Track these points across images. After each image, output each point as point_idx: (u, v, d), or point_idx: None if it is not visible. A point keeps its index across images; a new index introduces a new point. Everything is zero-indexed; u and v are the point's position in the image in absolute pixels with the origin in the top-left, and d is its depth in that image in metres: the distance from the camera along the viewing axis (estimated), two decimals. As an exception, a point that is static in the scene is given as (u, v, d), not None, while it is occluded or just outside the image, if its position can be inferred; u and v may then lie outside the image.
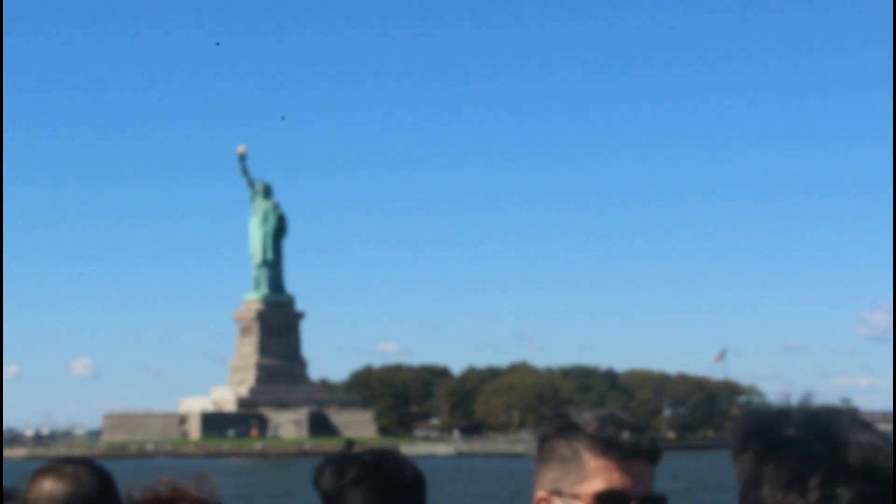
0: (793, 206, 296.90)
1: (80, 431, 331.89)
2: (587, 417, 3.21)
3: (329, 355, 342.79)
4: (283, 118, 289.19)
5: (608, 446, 3.16)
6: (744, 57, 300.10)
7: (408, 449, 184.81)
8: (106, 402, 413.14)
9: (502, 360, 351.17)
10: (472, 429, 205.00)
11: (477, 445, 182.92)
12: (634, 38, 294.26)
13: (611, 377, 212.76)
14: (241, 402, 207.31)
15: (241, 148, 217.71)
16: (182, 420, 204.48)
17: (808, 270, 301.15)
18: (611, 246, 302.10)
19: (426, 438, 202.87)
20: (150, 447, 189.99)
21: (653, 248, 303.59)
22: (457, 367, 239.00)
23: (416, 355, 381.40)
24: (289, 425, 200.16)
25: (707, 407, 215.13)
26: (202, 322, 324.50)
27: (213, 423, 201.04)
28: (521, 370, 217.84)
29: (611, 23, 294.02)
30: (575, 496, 3.16)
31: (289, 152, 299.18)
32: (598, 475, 3.15)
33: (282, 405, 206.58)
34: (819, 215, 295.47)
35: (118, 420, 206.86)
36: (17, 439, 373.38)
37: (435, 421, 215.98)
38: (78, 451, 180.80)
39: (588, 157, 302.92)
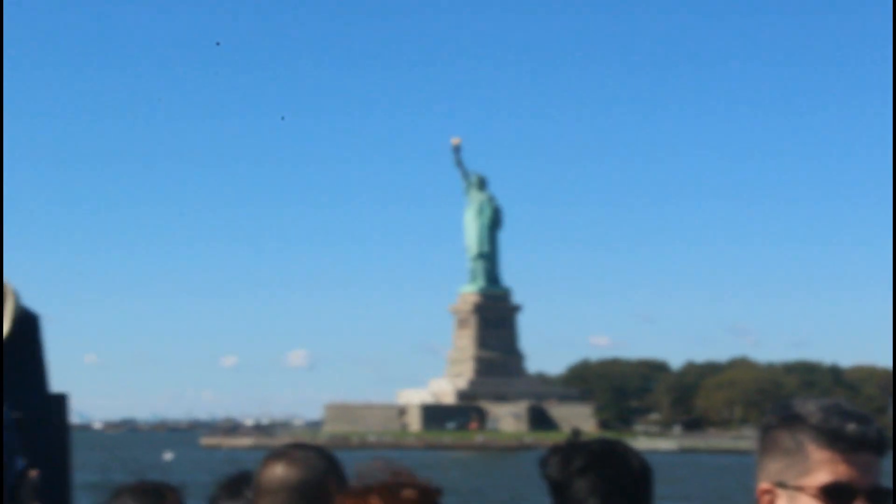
0: None
1: (298, 422, 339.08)
2: (811, 408, 3.12)
3: (543, 348, 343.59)
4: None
5: (833, 438, 3.06)
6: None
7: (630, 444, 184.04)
8: (323, 393, 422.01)
9: (718, 354, 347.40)
10: (693, 424, 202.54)
11: (699, 441, 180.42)
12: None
13: (835, 373, 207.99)
14: (460, 395, 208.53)
15: (455, 140, 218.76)
16: (402, 412, 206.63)
17: None
18: (829, 240, 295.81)
19: (646, 433, 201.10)
20: (371, 438, 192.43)
21: (870, 242, 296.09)
22: (674, 361, 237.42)
23: (629, 349, 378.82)
24: (508, 418, 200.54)
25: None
26: (418, 314, 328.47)
27: (433, 415, 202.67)
28: (741, 365, 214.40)
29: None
30: (800, 489, 3.08)
31: (504, 144, 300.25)
32: (823, 467, 3.06)
33: (500, 398, 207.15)
34: None
35: (339, 411, 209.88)
36: (238, 429, 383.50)
37: (655, 416, 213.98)
38: (304, 441, 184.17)
39: (800, 152, 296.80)
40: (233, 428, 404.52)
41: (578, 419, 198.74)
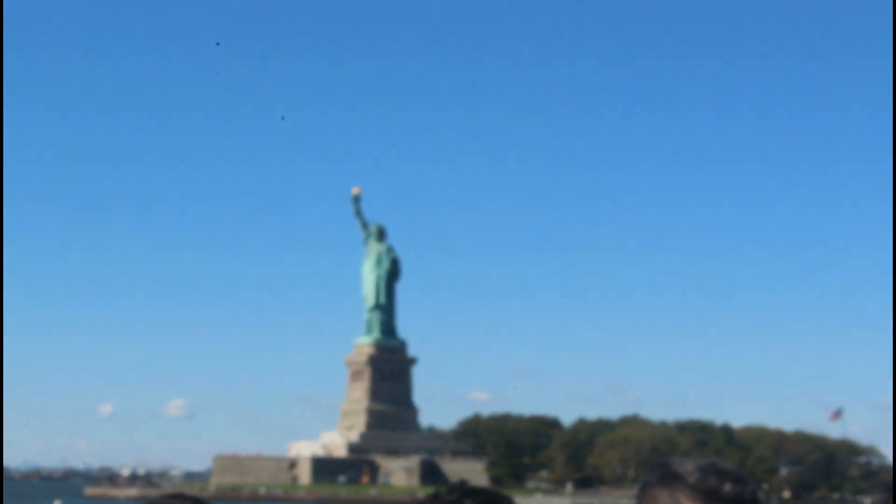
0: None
1: (176, 472, 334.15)
2: (689, 467, 3.21)
3: (431, 402, 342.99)
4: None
5: (710, 497, 3.17)
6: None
7: (524, 502, 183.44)
8: (201, 443, 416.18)
9: (598, 411, 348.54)
10: (586, 482, 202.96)
11: (593, 498, 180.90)
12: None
13: (727, 433, 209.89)
14: (352, 448, 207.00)
15: (355, 190, 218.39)
16: (292, 464, 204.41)
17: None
18: (705, 298, 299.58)
19: (540, 490, 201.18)
20: (262, 490, 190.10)
21: (747, 300, 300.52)
22: (564, 417, 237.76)
23: (509, 404, 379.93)
24: (400, 473, 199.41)
25: (825, 466, 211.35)
26: (310, 365, 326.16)
27: (324, 467, 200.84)
28: (633, 423, 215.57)
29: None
30: None
31: (404, 194, 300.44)
32: None
33: (392, 452, 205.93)
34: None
35: (227, 462, 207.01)
36: (116, 478, 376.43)
37: (546, 473, 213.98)
38: (190, 493, 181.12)
39: (694, 210, 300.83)
40: (110, 477, 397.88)
41: (471, 475, 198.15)
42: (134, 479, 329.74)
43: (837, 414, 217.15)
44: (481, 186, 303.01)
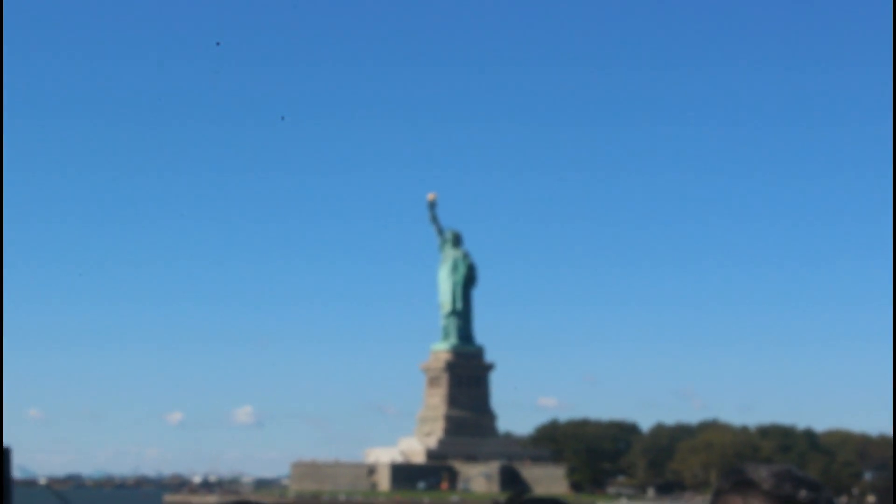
0: None
1: (247, 479, 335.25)
2: (763, 474, 3.22)
3: (507, 408, 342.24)
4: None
5: None
6: None
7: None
8: (270, 450, 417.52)
9: (664, 417, 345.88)
10: (668, 487, 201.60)
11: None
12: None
13: (810, 437, 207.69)
14: (430, 454, 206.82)
15: (430, 196, 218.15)
16: (371, 471, 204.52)
17: None
18: (775, 304, 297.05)
19: (620, 495, 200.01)
20: (341, 497, 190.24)
21: (818, 306, 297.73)
22: (640, 423, 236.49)
23: (575, 411, 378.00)
24: (479, 479, 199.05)
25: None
26: (388, 372, 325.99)
27: (403, 474, 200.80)
28: (714, 428, 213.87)
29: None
30: None
31: (479, 200, 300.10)
32: None
33: (471, 458, 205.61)
34: None
35: (306, 469, 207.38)
36: (187, 485, 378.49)
37: (626, 478, 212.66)
38: (269, 500, 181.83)
39: (767, 217, 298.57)
40: (181, 484, 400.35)
41: (551, 480, 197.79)
42: (207, 486, 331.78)
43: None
44: (557, 192, 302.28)
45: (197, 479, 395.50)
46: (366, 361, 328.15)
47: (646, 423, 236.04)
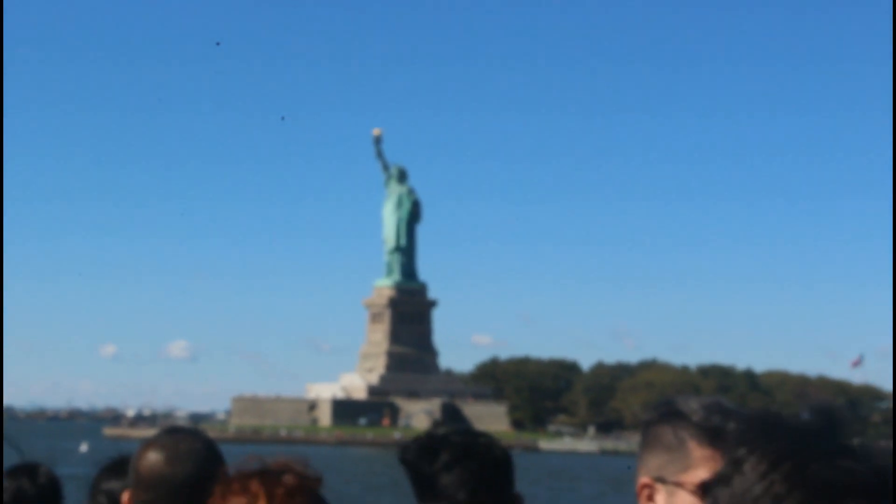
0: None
1: (181, 413, 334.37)
2: (693, 406, 3.22)
3: (447, 345, 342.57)
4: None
5: (715, 436, 3.17)
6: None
7: (548, 445, 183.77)
8: (204, 385, 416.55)
9: (599, 357, 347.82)
10: (608, 426, 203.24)
11: (621, 443, 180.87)
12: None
13: (750, 377, 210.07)
14: (372, 390, 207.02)
15: (376, 131, 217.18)
16: (312, 406, 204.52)
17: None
18: (706, 241, 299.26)
19: (559, 434, 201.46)
20: (283, 432, 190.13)
21: (745, 243, 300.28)
22: (582, 361, 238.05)
23: (510, 349, 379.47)
24: (421, 415, 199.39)
25: (848, 412, 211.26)
26: (330, 307, 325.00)
27: (344, 409, 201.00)
28: (654, 367, 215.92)
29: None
30: (679, 484, 3.18)
31: (425, 136, 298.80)
32: (703, 464, 3.18)
33: (413, 395, 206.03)
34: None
35: (246, 404, 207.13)
36: (119, 419, 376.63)
37: (566, 417, 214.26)
38: (211, 434, 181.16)
39: (714, 155, 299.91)
40: (115, 418, 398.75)
41: (491, 418, 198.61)
42: (142, 419, 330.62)
43: (859, 361, 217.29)
44: (503, 128, 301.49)
45: (131, 413, 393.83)
46: (306, 296, 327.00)
47: (584, 363, 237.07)
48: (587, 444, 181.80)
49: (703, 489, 3.11)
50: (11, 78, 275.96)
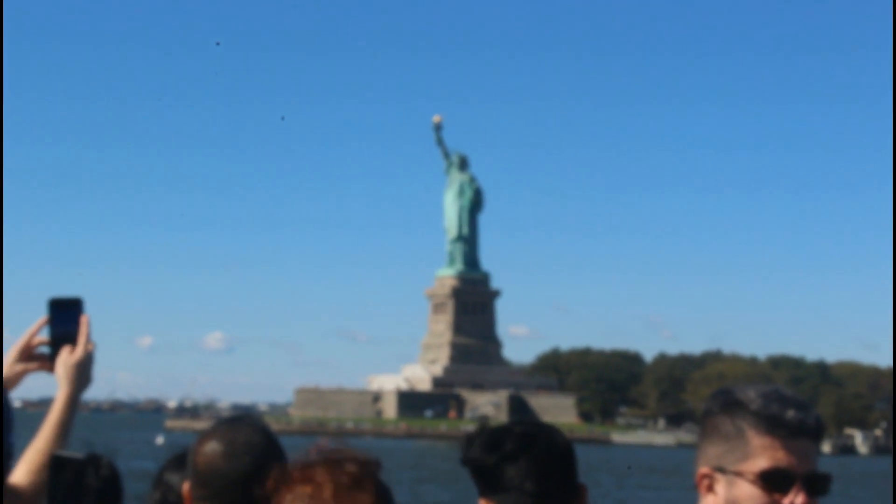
0: None
1: (222, 404, 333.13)
2: (751, 395, 3.22)
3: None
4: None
5: (773, 424, 3.17)
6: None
7: (621, 438, 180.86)
8: (239, 376, 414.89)
9: (634, 345, 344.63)
10: (678, 418, 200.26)
11: (689, 435, 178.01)
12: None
13: (822, 368, 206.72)
14: (436, 382, 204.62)
15: (436, 118, 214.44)
16: (376, 398, 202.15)
17: None
18: (744, 235, 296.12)
19: (631, 427, 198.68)
20: (349, 425, 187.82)
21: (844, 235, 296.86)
22: (645, 353, 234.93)
23: (549, 340, 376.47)
24: (488, 407, 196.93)
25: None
26: (391, 297, 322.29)
27: (409, 401, 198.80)
28: (723, 359, 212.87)
29: None
30: (738, 474, 3.20)
31: (486, 123, 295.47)
32: (762, 453, 3.19)
33: (477, 386, 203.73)
34: None
35: (309, 395, 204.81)
36: (161, 410, 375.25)
37: (634, 409, 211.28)
38: (276, 427, 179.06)
39: (767, 145, 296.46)
40: (156, 409, 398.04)
41: (558, 410, 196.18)
42: (182, 411, 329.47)
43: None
44: (566, 115, 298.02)
45: (172, 404, 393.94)
46: (346, 288, 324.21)
47: (646, 354, 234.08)
48: (663, 437, 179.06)
49: (763, 478, 3.17)
50: (23, 73, 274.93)
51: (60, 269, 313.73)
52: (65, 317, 4.10)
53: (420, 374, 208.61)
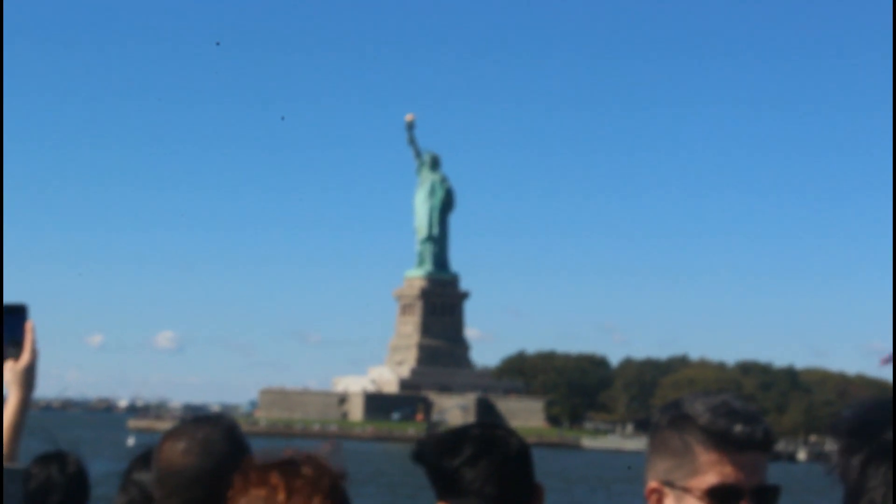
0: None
1: (174, 404, 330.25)
2: (699, 408, 3.19)
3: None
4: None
5: (721, 440, 3.17)
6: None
7: (592, 443, 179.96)
8: (190, 375, 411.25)
9: (588, 348, 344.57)
10: (648, 423, 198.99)
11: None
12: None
13: (791, 375, 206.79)
14: (403, 384, 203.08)
15: (409, 116, 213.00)
16: (342, 400, 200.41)
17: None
18: (696, 238, 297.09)
19: (601, 432, 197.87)
20: (315, 427, 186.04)
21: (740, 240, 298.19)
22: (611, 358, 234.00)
23: (501, 343, 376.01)
24: (455, 410, 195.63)
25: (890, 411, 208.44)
26: (358, 298, 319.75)
27: (376, 404, 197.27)
28: (691, 364, 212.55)
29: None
30: (687, 489, 3.20)
31: (459, 123, 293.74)
32: (710, 469, 3.18)
33: (444, 389, 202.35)
34: None
35: (275, 396, 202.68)
36: (112, 409, 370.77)
37: (591, 413, 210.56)
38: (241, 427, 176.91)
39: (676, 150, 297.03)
40: (107, 408, 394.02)
41: (527, 414, 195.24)
42: (133, 410, 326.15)
43: (889, 359, 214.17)
44: (539, 116, 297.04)
45: (123, 404, 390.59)
46: (297, 289, 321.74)
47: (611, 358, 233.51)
48: (634, 442, 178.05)
49: (710, 494, 3.16)
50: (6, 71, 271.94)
51: (11, 264, 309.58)
52: (11, 323, 4.27)
53: (387, 376, 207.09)
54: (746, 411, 3.19)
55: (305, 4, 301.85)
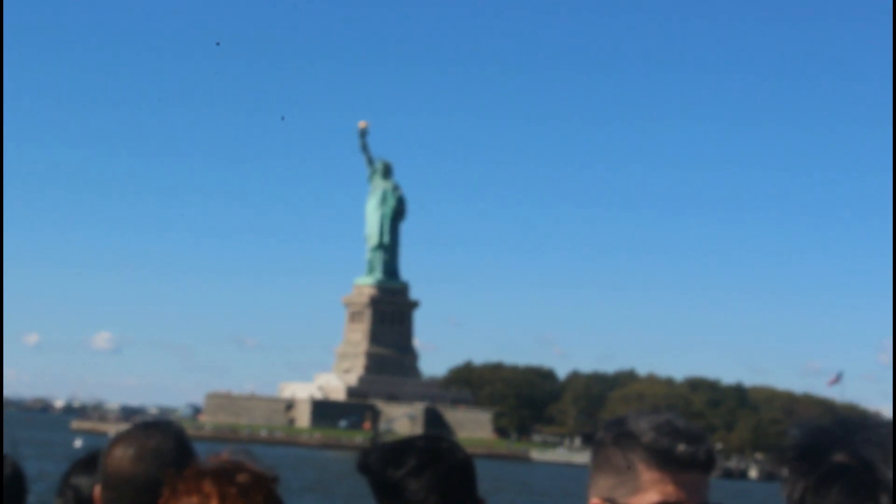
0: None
1: (111, 405, 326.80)
2: (643, 426, 3.23)
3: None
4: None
5: (664, 459, 3.21)
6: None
7: (540, 456, 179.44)
8: (126, 377, 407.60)
9: (527, 361, 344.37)
10: (594, 437, 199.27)
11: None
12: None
13: (740, 392, 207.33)
14: (351, 392, 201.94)
15: (362, 123, 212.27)
16: (289, 406, 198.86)
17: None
18: (638, 250, 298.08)
19: (549, 444, 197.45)
20: (262, 433, 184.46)
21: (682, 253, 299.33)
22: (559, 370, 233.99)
23: (442, 354, 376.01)
24: (403, 420, 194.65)
25: (839, 431, 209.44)
26: (305, 304, 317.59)
27: (323, 411, 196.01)
28: (640, 379, 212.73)
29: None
30: None
31: (411, 131, 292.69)
32: (652, 487, 3.21)
33: (392, 398, 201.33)
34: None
35: (221, 401, 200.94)
36: (48, 410, 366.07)
37: (538, 425, 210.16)
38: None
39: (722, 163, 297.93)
40: (43, 408, 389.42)
41: (475, 425, 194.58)
42: (70, 411, 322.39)
43: (836, 379, 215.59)
44: (495, 125, 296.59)
45: (59, 404, 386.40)
46: (234, 292, 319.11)
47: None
48: (583, 455, 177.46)
49: None
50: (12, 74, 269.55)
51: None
52: None
53: (334, 384, 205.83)
54: (690, 431, 3.22)
55: (256, 12, 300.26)
